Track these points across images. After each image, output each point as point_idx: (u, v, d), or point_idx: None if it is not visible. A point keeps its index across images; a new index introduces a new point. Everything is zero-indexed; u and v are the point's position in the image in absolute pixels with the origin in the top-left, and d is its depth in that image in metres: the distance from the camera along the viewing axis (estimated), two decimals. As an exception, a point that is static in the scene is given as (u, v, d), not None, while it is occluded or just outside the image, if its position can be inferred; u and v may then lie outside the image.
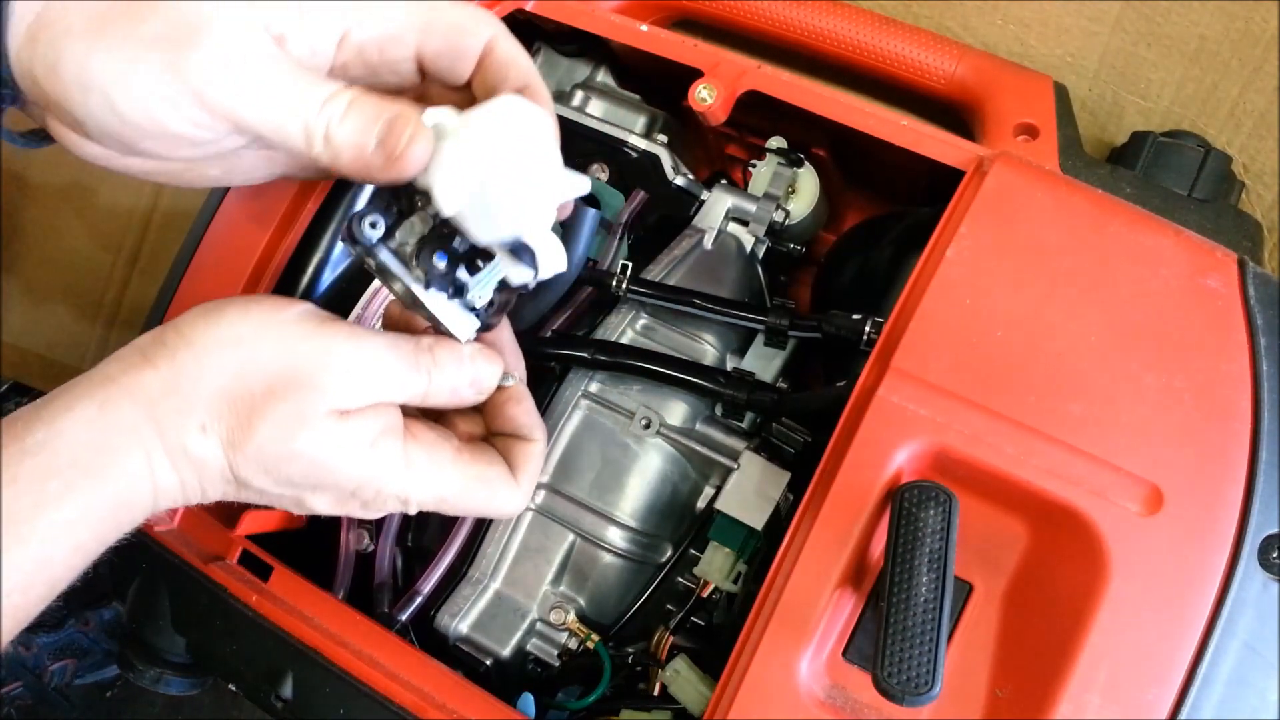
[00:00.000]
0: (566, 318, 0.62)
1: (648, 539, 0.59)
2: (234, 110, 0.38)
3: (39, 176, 1.01)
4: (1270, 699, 0.42)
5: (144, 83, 0.37)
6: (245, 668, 0.55)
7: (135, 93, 0.37)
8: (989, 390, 0.47)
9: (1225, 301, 0.47)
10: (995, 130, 0.61)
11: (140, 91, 0.37)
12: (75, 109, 0.38)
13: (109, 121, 0.38)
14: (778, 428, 0.57)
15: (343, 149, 0.39)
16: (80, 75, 0.37)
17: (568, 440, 0.59)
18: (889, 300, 0.51)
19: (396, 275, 0.41)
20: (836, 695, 0.46)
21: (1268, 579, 0.43)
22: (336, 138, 0.38)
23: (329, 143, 0.38)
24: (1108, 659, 0.43)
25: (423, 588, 0.58)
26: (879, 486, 0.46)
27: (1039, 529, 0.47)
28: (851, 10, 0.68)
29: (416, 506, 0.43)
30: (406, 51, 0.42)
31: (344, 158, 0.39)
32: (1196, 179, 0.58)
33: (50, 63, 0.37)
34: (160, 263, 0.99)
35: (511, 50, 0.43)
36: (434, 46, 0.42)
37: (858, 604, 0.48)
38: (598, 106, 0.68)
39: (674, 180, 0.64)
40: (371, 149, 0.38)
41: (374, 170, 0.39)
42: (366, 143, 0.38)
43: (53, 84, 0.38)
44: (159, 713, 0.95)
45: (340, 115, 0.38)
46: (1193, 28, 0.66)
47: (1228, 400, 0.45)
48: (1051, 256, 0.49)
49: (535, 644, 0.58)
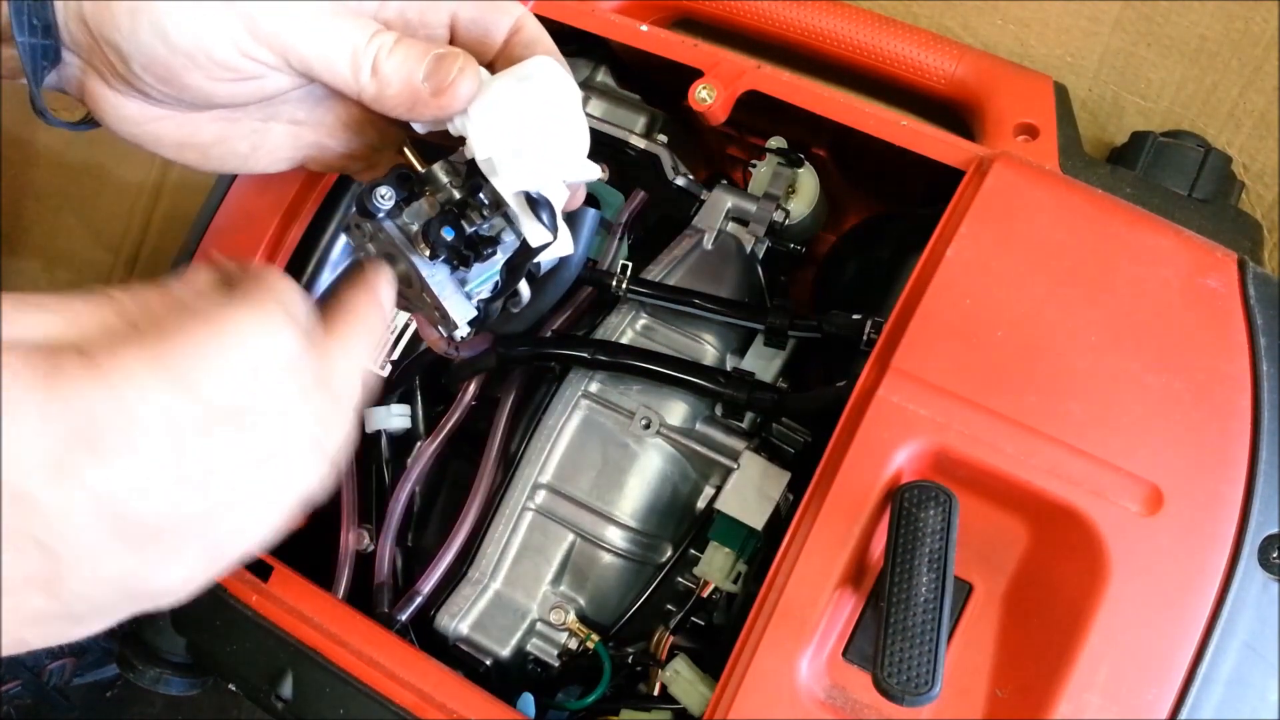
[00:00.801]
0: (566, 318, 0.62)
1: (648, 539, 0.59)
2: (284, 37, 0.38)
3: (40, 177, 1.01)
4: (1270, 699, 0.42)
5: (196, 6, 0.38)
6: (245, 668, 0.55)
7: (186, 16, 0.38)
8: (989, 390, 0.47)
9: (1225, 301, 0.47)
10: (995, 130, 0.61)
11: (191, 14, 0.38)
12: (123, 40, 0.38)
13: (156, 50, 0.38)
14: (778, 428, 0.57)
15: (391, 79, 0.39)
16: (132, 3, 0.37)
17: (568, 440, 0.59)
18: (889, 300, 0.51)
19: (400, 250, 0.41)
20: (836, 695, 0.46)
21: (1268, 579, 0.43)
22: (385, 68, 0.39)
23: (377, 73, 0.39)
24: (1108, 659, 0.43)
25: (423, 588, 0.58)
26: (879, 486, 0.46)
27: (1039, 529, 0.47)
28: (851, 10, 0.68)
29: (169, 414, 0.28)
30: (443, 16, 0.43)
31: (391, 88, 0.39)
32: (1196, 179, 0.58)
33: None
34: (160, 263, 0.99)
35: (537, 31, 0.44)
36: (469, 14, 0.43)
37: (858, 604, 0.48)
38: (598, 106, 0.68)
39: (674, 180, 0.64)
40: (421, 79, 0.39)
41: (420, 102, 0.39)
42: (415, 74, 0.39)
43: (100, 15, 0.38)
44: (159, 713, 0.95)
45: (389, 48, 0.39)
46: (1193, 28, 0.66)
47: (1228, 400, 0.45)
48: (1051, 256, 0.49)
49: (535, 644, 0.58)
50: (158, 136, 0.42)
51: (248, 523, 0.31)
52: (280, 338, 0.31)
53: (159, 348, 0.28)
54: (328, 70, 0.39)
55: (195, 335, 0.29)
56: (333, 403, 0.33)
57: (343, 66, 0.39)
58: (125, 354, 0.28)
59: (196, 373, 0.29)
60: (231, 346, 0.29)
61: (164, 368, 0.28)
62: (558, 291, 0.58)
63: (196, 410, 0.29)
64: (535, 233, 0.42)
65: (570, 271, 0.50)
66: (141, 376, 0.28)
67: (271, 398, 0.30)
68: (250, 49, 0.38)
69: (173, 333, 0.29)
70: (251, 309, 0.30)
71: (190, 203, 0.94)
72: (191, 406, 0.29)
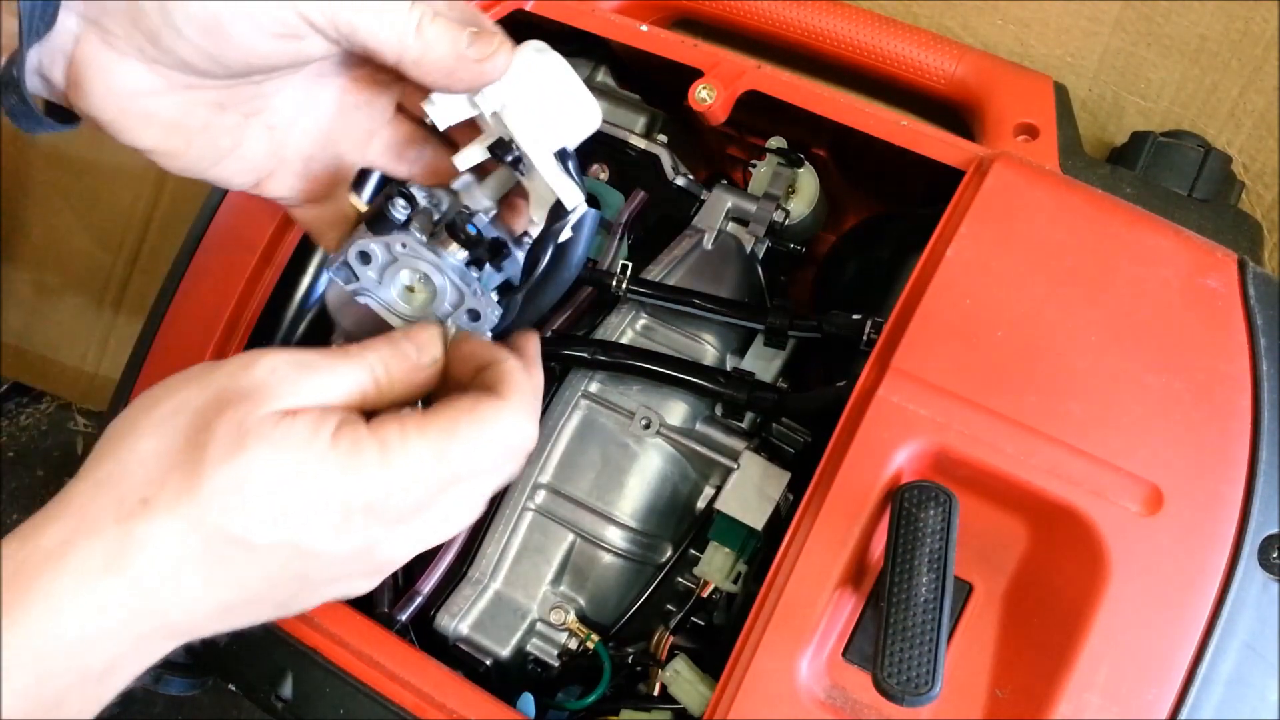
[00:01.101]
0: (566, 318, 0.62)
1: (648, 539, 0.59)
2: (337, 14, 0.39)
3: (39, 177, 1.01)
4: (1270, 699, 0.42)
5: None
6: (245, 668, 0.55)
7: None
8: (989, 390, 0.47)
9: (1225, 301, 0.47)
10: (995, 130, 0.61)
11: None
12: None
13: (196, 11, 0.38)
14: (778, 428, 0.57)
15: (435, 43, 0.40)
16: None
17: (568, 440, 0.59)
18: (889, 300, 0.51)
19: (422, 254, 0.42)
20: (836, 695, 0.46)
21: (1268, 579, 0.43)
22: (429, 33, 0.40)
23: (421, 34, 0.40)
24: (1108, 659, 0.43)
25: (423, 588, 0.58)
26: (879, 486, 0.46)
27: (1039, 529, 0.47)
28: (851, 10, 0.68)
29: (428, 502, 0.38)
30: None
31: (435, 52, 0.40)
32: (1196, 179, 0.58)
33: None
34: (160, 263, 0.99)
35: None
36: None
37: (858, 604, 0.48)
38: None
39: (674, 180, 0.64)
40: (465, 46, 0.41)
41: (463, 67, 0.41)
42: (459, 41, 0.41)
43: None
44: (159, 712, 0.95)
45: (431, 17, 0.40)
46: (1193, 28, 0.66)
47: (1228, 400, 0.45)
48: (1051, 256, 0.49)
49: (535, 644, 0.58)
50: (148, 114, 0.41)
51: (446, 536, 0.41)
52: (526, 436, 0.40)
53: (439, 444, 0.37)
54: (373, 30, 0.40)
55: (469, 434, 0.38)
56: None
57: (389, 26, 0.40)
58: (414, 446, 0.36)
59: (463, 461, 0.38)
60: (495, 446, 0.39)
61: (441, 457, 0.37)
62: (558, 291, 0.58)
63: (448, 478, 0.38)
64: (568, 192, 0.43)
65: (570, 271, 0.50)
66: (425, 466, 0.37)
67: (498, 466, 0.40)
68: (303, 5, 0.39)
69: (450, 428, 0.37)
70: (514, 414, 0.39)
71: (190, 203, 0.94)
72: (448, 477, 0.38)
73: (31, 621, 0.32)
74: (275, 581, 0.36)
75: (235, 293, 0.61)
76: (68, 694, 0.33)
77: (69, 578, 0.32)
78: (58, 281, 1.02)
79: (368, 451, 0.36)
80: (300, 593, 0.37)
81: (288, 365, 0.37)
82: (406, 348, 0.41)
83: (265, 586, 0.36)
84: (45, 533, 0.33)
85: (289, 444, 0.35)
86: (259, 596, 0.36)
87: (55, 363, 1.03)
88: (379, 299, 0.44)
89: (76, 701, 0.33)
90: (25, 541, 0.33)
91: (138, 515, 0.33)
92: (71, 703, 0.33)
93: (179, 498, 0.34)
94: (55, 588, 0.32)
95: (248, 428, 0.35)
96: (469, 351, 0.42)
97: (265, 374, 0.36)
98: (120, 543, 0.33)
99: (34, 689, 0.32)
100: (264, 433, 0.35)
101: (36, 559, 0.32)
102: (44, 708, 0.32)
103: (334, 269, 0.43)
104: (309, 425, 0.35)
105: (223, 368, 0.37)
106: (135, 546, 0.33)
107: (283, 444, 0.35)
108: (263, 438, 0.35)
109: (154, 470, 0.34)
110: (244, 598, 0.36)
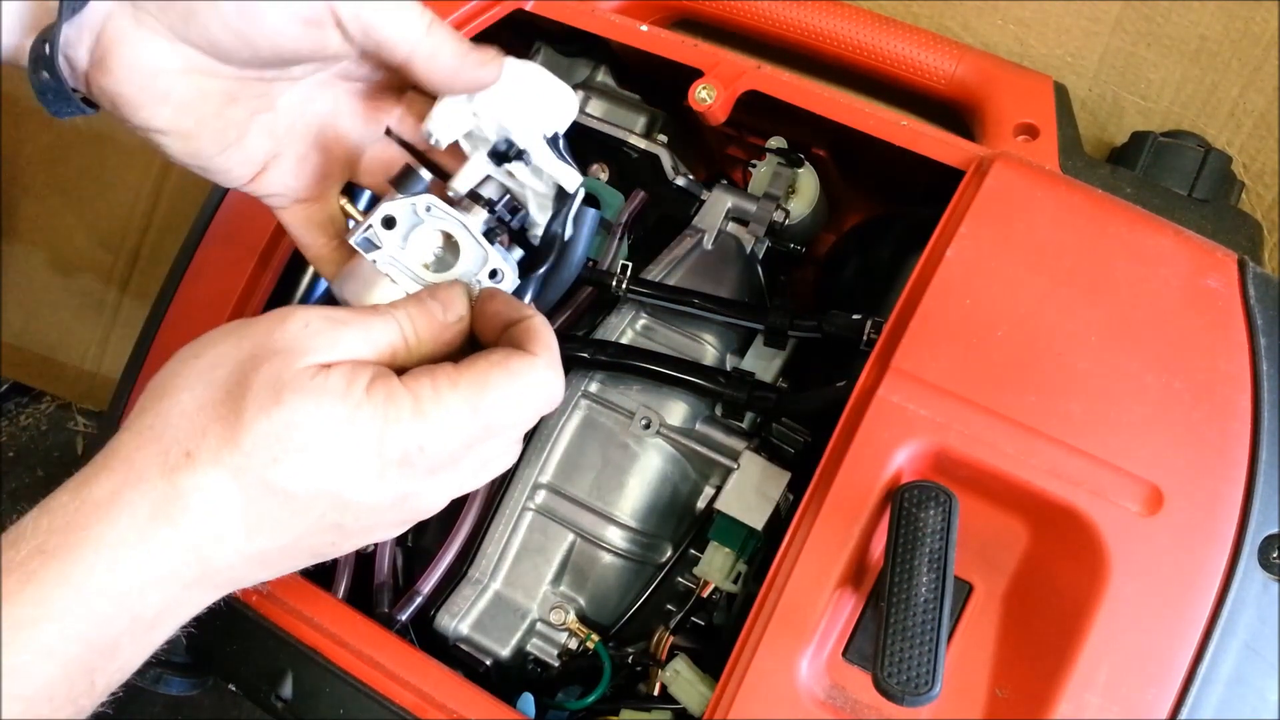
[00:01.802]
0: (566, 318, 0.62)
1: (648, 539, 0.59)
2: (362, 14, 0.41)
3: (39, 176, 1.01)
4: (1270, 699, 0.42)
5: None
6: (245, 668, 0.55)
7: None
8: (989, 390, 0.47)
9: (1225, 301, 0.47)
10: (995, 130, 0.61)
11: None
12: None
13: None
14: (778, 428, 0.57)
15: (444, 43, 0.42)
16: None
17: (568, 440, 0.59)
18: (889, 300, 0.51)
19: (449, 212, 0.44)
20: (836, 695, 0.46)
21: (1268, 579, 0.43)
22: (438, 34, 0.42)
23: (431, 35, 0.42)
24: (1108, 659, 0.43)
25: (423, 588, 0.58)
26: (879, 486, 0.46)
27: (1039, 529, 0.47)
28: (851, 10, 0.68)
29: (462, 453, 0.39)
30: None
31: (443, 50, 0.42)
32: (1196, 179, 0.58)
33: None
34: (160, 263, 0.99)
35: None
36: None
37: (858, 604, 0.48)
38: (598, 106, 0.68)
39: (674, 180, 0.64)
40: (467, 50, 0.43)
41: (465, 69, 0.43)
42: (463, 44, 0.43)
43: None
44: (159, 713, 0.95)
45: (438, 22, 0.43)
46: (1193, 28, 0.66)
47: (1228, 400, 0.45)
48: (1051, 256, 0.49)
49: (535, 644, 0.58)
50: (166, 93, 0.42)
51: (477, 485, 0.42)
52: (554, 390, 0.41)
53: (472, 398, 0.38)
54: (390, 26, 0.42)
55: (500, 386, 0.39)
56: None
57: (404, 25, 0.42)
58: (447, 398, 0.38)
59: (495, 412, 0.39)
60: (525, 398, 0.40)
61: (475, 409, 0.38)
62: (558, 291, 0.58)
63: (480, 430, 0.39)
64: (566, 176, 0.45)
65: (570, 271, 0.50)
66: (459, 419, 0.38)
67: (528, 417, 0.41)
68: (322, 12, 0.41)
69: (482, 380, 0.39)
70: (545, 369, 0.40)
71: (190, 203, 0.94)
72: (480, 429, 0.39)
73: (86, 568, 0.33)
74: (314, 530, 0.38)
75: (235, 292, 0.61)
76: (121, 639, 0.35)
77: (119, 527, 0.34)
78: (58, 281, 1.02)
79: (402, 403, 0.37)
80: (337, 541, 0.39)
81: (321, 320, 0.39)
82: (433, 306, 0.42)
83: (304, 535, 0.37)
84: (95, 484, 0.35)
85: (325, 397, 0.36)
86: (298, 545, 0.38)
87: (55, 363, 1.03)
88: (403, 265, 0.44)
89: (129, 647, 0.35)
90: (76, 493, 0.35)
91: (182, 467, 0.35)
92: (125, 648, 0.35)
93: (220, 449, 0.35)
94: (107, 537, 0.34)
95: (284, 381, 0.36)
96: (495, 309, 0.43)
97: (299, 329, 0.38)
98: (166, 494, 0.35)
99: (90, 634, 0.34)
100: (300, 385, 0.36)
101: (87, 509, 0.34)
102: (99, 652, 0.34)
103: (356, 239, 0.44)
104: (344, 378, 0.37)
105: (259, 323, 0.38)
106: (180, 498, 0.35)
107: (319, 396, 0.36)
108: (299, 390, 0.36)
109: (196, 423, 0.36)
110: (283, 545, 0.37)
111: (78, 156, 1.00)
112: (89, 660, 0.34)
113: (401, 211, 0.44)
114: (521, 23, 0.66)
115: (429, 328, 0.41)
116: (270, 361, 0.37)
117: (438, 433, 0.38)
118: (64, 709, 0.34)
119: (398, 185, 0.44)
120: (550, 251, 0.48)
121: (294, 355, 0.37)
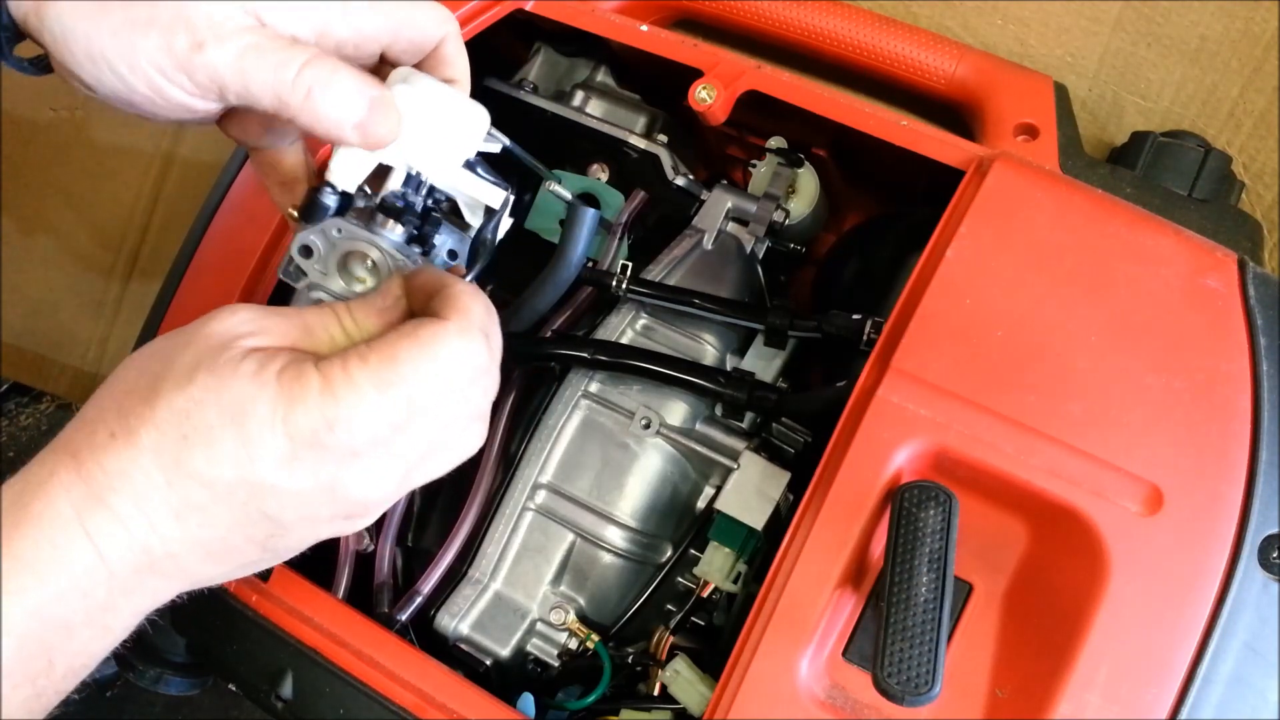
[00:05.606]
0: (566, 318, 0.62)
1: (648, 539, 0.59)
2: (222, 80, 0.40)
3: (39, 176, 1.01)
4: (1270, 699, 0.42)
5: (146, 60, 0.39)
6: (245, 668, 0.55)
7: (139, 68, 0.39)
8: (989, 390, 0.47)
9: (1225, 301, 0.47)
10: (995, 130, 0.61)
11: (143, 67, 0.39)
12: (85, 76, 0.40)
13: (117, 89, 0.40)
14: (778, 428, 0.57)
15: (323, 117, 0.40)
16: (89, 50, 0.39)
17: (568, 440, 0.59)
18: (889, 300, 0.51)
19: (358, 234, 0.43)
20: (836, 695, 0.46)
21: (1268, 579, 0.43)
22: (320, 105, 0.40)
23: (311, 100, 0.40)
24: (1108, 659, 0.43)
25: (423, 588, 0.58)
26: (879, 486, 0.46)
27: (1039, 529, 0.47)
28: (851, 10, 0.68)
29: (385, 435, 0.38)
30: (375, 49, 0.45)
31: (321, 126, 0.40)
32: (1196, 179, 0.58)
33: (58, 35, 0.39)
34: (160, 263, 0.99)
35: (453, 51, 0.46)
36: (399, 48, 0.45)
37: (858, 604, 0.48)
38: (598, 106, 0.68)
39: (674, 180, 0.64)
40: (354, 124, 0.40)
41: (349, 143, 0.41)
42: (347, 118, 0.40)
43: (63, 53, 0.40)
44: (159, 713, 0.95)
45: (325, 82, 0.40)
46: (1193, 28, 0.66)
47: (1228, 400, 0.45)
48: (1051, 256, 0.49)
49: (535, 644, 0.58)
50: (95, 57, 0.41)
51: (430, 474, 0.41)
52: (475, 355, 0.39)
53: (381, 371, 0.37)
54: (264, 104, 0.40)
55: (411, 357, 0.37)
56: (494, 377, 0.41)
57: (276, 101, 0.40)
58: (356, 375, 0.37)
59: (408, 386, 0.37)
60: (440, 367, 0.38)
61: (385, 384, 0.37)
62: (557, 291, 0.58)
63: (403, 413, 0.37)
64: (490, 194, 0.44)
65: (570, 271, 0.50)
66: (367, 396, 0.36)
67: (460, 396, 0.39)
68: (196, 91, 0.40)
69: (390, 354, 0.37)
70: (457, 335, 0.38)
71: (190, 204, 0.94)
72: (401, 411, 0.37)
73: (31, 544, 0.35)
74: (243, 520, 0.37)
75: (236, 292, 0.61)
76: (74, 618, 0.36)
77: (56, 505, 0.35)
78: (58, 281, 1.02)
79: (309, 382, 0.37)
80: (277, 533, 0.38)
81: (253, 311, 0.39)
82: (369, 294, 0.42)
83: (236, 525, 0.37)
84: (37, 465, 0.37)
85: (235, 378, 0.37)
86: (234, 536, 0.38)
87: (55, 363, 1.03)
88: (330, 292, 0.44)
89: (85, 629, 0.36)
90: (23, 475, 0.37)
91: (107, 447, 0.36)
92: (80, 630, 0.36)
93: (139, 427, 0.36)
94: (45, 515, 0.35)
95: (201, 363, 0.37)
96: (421, 282, 0.42)
97: (229, 317, 0.39)
98: (94, 473, 0.36)
99: (44, 610, 0.35)
100: (213, 367, 0.37)
101: (31, 489, 0.36)
102: (54, 629, 0.35)
103: (282, 271, 0.44)
104: (257, 361, 0.37)
105: (198, 320, 0.39)
106: (107, 477, 0.36)
107: (229, 378, 0.37)
108: (211, 371, 0.37)
109: (123, 405, 0.37)
110: (219, 535, 0.37)
111: (78, 156, 1.00)
112: (45, 637, 0.35)
113: (315, 239, 0.43)
114: (521, 23, 0.66)
115: (368, 314, 0.41)
116: (195, 347, 0.38)
117: (347, 411, 0.36)
118: (22, 687, 0.35)
119: (304, 216, 0.43)
120: (478, 260, 0.46)
121: (218, 341, 0.38)
